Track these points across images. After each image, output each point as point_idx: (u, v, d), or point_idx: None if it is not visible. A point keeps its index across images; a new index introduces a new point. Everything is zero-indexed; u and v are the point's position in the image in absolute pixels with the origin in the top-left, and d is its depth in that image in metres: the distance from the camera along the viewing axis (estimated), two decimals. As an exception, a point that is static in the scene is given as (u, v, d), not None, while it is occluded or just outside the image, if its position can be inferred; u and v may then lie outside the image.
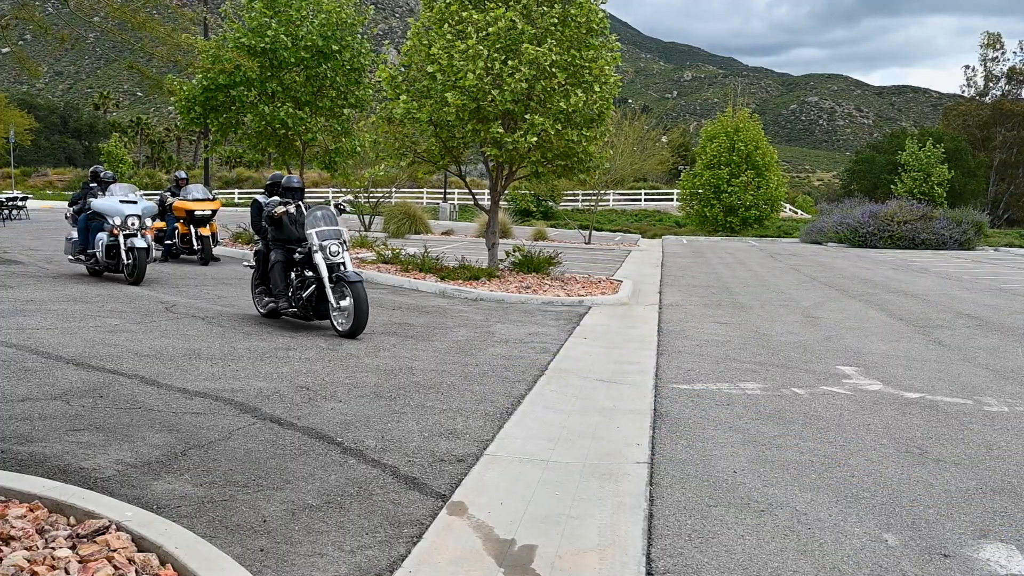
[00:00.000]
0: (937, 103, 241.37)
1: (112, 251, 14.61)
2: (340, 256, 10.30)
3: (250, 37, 20.76)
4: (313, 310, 10.54)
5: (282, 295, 10.72)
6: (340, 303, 10.17)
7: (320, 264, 10.25)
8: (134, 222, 14.48)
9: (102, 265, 14.75)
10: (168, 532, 4.00)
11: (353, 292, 9.95)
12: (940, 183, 55.33)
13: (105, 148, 75.53)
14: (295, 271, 10.83)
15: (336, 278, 10.16)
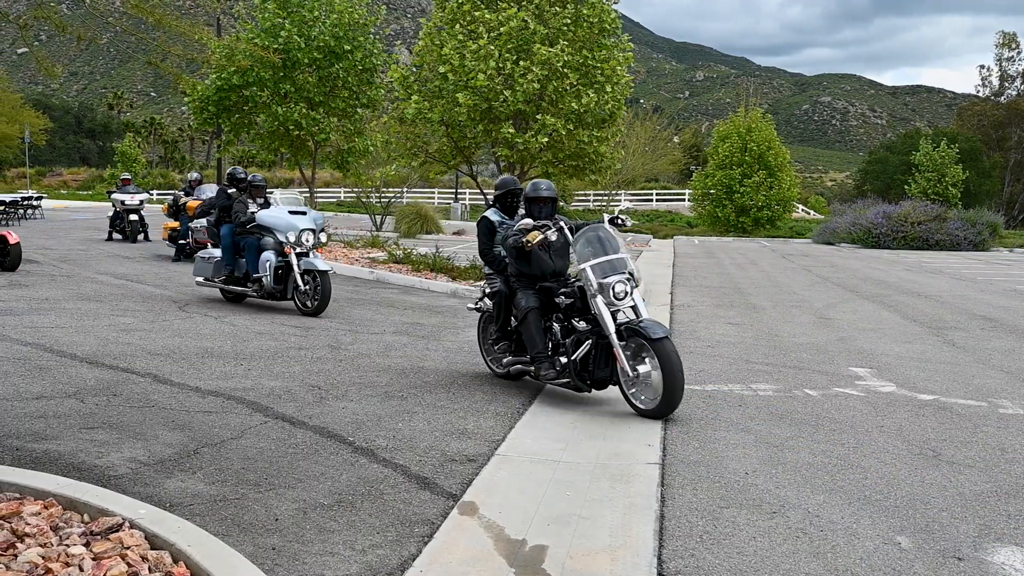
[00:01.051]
0: (951, 103, 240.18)
1: (280, 274, 12.00)
2: (627, 299, 7.10)
3: (263, 38, 20.82)
4: (591, 378, 7.23)
5: (541, 357, 7.37)
6: (638, 368, 6.93)
7: (603, 313, 6.99)
8: (308, 238, 11.94)
9: (267, 291, 12.00)
10: (181, 530, 4.01)
11: (660, 354, 6.69)
12: (954, 184, 55.07)
13: (119, 148, 75.75)
14: (555, 319, 7.55)
15: (627, 331, 6.96)
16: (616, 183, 34.86)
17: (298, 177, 52.14)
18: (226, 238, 12.47)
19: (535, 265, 7.63)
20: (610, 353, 7.03)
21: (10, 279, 14.00)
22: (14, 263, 15.02)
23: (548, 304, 7.54)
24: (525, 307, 7.51)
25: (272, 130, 21.95)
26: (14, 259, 15.01)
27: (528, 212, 7.77)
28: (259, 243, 12.10)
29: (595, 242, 7.35)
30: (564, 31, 15.36)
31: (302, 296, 11.75)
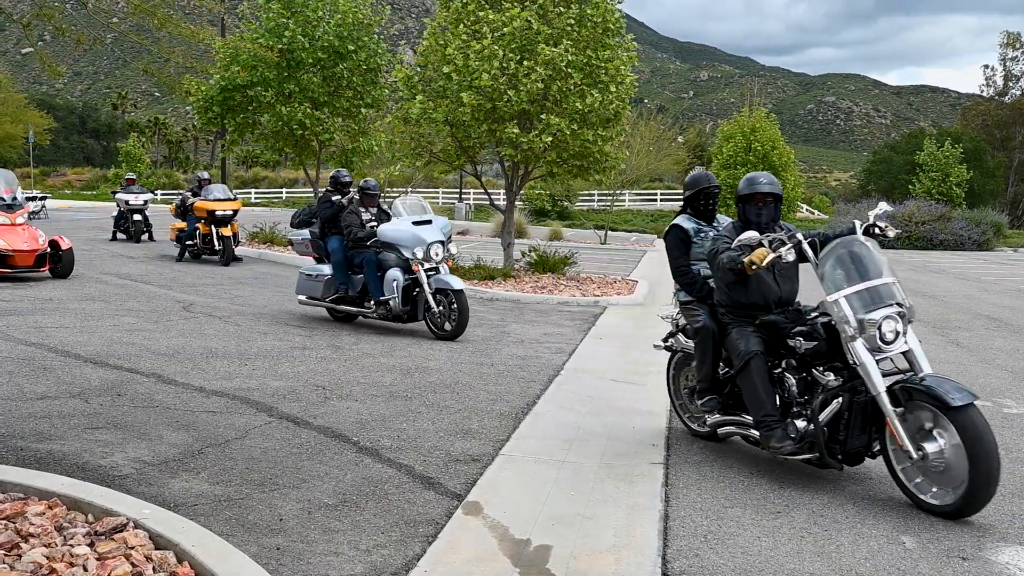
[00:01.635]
0: (955, 103, 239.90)
1: (407, 294, 10.55)
2: (898, 341, 5.38)
3: (267, 38, 20.82)
4: (842, 449, 5.32)
5: (771, 421, 5.45)
6: (924, 447, 4.97)
7: (866, 363, 5.21)
8: (437, 252, 10.45)
9: (394, 314, 10.58)
10: (185, 530, 4.02)
11: (963, 430, 4.80)
12: (958, 183, 54.95)
13: (123, 148, 75.83)
14: (788, 368, 5.63)
15: (903, 391, 5.16)
16: (620, 183, 34.80)
17: (302, 177, 52.22)
18: (337, 253, 11.08)
19: (755, 292, 5.84)
20: (867, 415, 5.28)
21: (14, 279, 14.02)
22: (67, 269, 14.58)
23: (775, 346, 5.70)
24: (745, 352, 5.60)
25: (276, 130, 21.94)
26: (67, 265, 14.57)
27: (743, 216, 5.96)
28: (378, 259, 10.70)
29: (849, 261, 5.52)
30: (568, 31, 15.36)
31: (436, 318, 10.34)
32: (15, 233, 14.03)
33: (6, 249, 13.72)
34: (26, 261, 13.86)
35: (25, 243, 13.91)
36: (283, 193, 67.92)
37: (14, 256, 13.74)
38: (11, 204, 14.34)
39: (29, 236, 14.14)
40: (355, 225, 10.95)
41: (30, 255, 13.92)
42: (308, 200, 41.28)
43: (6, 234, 13.93)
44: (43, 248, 14.14)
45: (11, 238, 13.92)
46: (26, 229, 14.27)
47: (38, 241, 14.13)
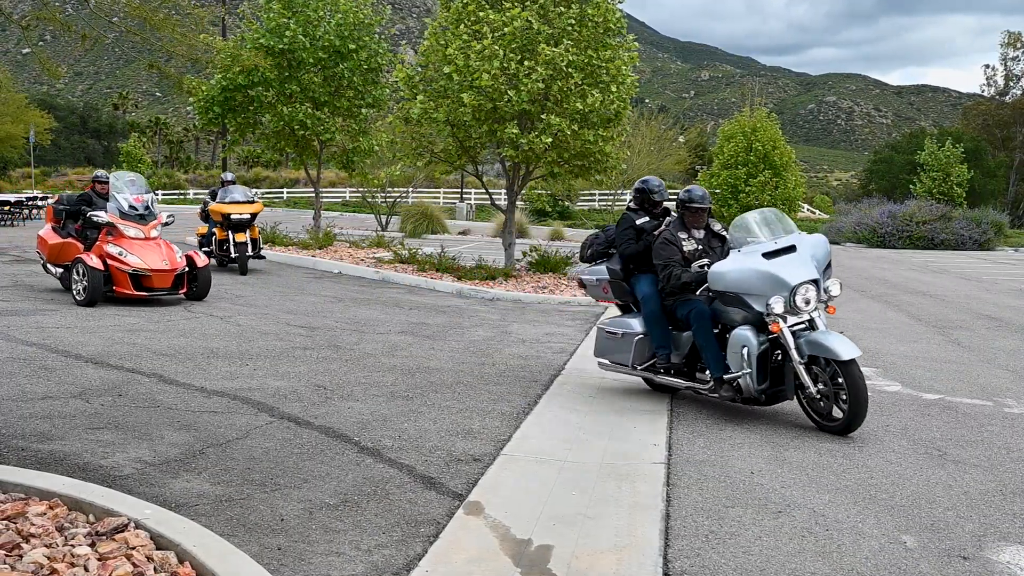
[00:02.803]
0: (956, 103, 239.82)
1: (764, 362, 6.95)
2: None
3: (268, 38, 20.83)
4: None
5: None
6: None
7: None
8: (809, 297, 6.72)
9: (745, 395, 6.90)
10: (186, 530, 4.02)
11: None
12: (959, 183, 54.93)
13: (124, 148, 76.03)
14: None
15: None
16: (621, 183, 34.81)
17: (303, 177, 52.23)
18: (651, 302, 7.50)
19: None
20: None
21: (15, 279, 14.02)
22: (203, 290, 12.65)
23: None
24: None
25: (277, 130, 21.95)
26: (203, 285, 12.61)
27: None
28: (713, 310, 7.13)
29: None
30: (569, 31, 15.36)
31: (815, 404, 6.75)
32: (150, 249, 12.06)
33: (142, 268, 11.81)
34: (163, 282, 11.98)
35: (163, 261, 11.98)
36: (284, 193, 67.93)
37: (151, 277, 11.87)
38: (144, 214, 12.34)
39: (167, 253, 12.17)
40: (673, 262, 7.32)
41: (168, 275, 12.03)
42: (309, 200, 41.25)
43: (140, 250, 11.96)
44: (182, 267, 12.25)
45: (146, 255, 11.93)
46: (162, 244, 12.26)
47: (176, 259, 12.17)
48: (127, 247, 11.90)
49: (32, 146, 53.40)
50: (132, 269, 11.76)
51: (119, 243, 11.93)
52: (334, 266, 17.95)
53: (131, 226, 12.14)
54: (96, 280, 11.49)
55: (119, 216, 12.15)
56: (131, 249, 11.89)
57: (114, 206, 12.27)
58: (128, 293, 11.80)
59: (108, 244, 11.90)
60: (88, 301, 11.49)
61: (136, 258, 11.83)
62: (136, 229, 12.15)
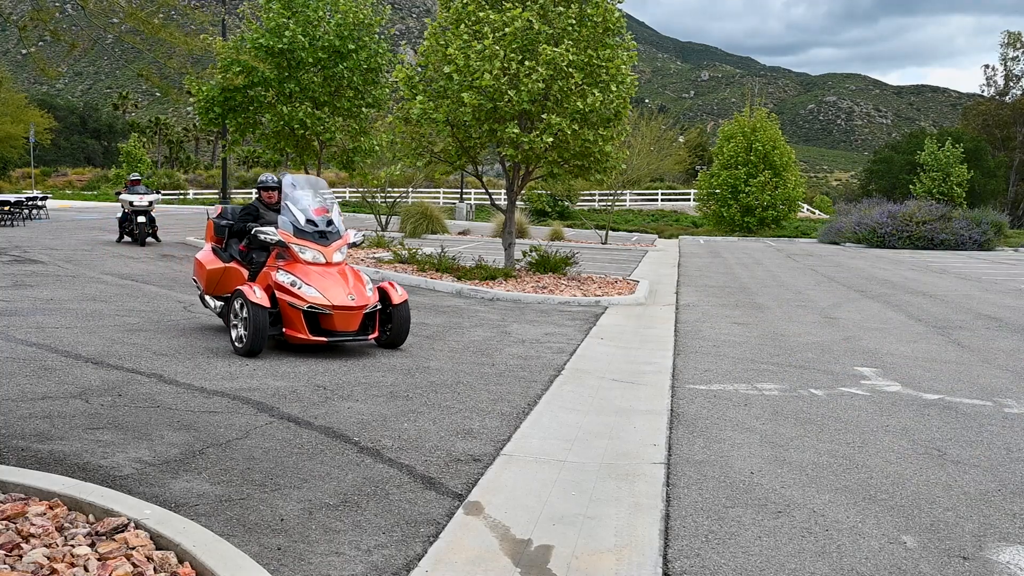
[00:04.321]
0: (956, 103, 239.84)
1: None
2: None
3: (268, 38, 20.85)
4: None
5: None
6: None
7: None
8: None
9: None
10: (186, 530, 4.02)
11: None
12: (959, 183, 55.04)
13: (124, 148, 76.00)
14: None
15: None
16: (621, 183, 34.83)
17: (303, 177, 52.27)
18: None
19: None
20: None
21: (15, 279, 14.02)
22: (400, 333, 9.55)
23: None
24: None
25: (277, 130, 21.98)
26: (400, 326, 9.51)
27: None
28: None
29: None
30: (569, 31, 15.37)
31: None
32: (332, 278, 9.12)
33: (321, 304, 8.83)
34: (349, 324, 8.98)
35: (349, 295, 8.98)
36: (284, 193, 67.90)
37: (332, 316, 8.88)
38: (326, 231, 9.48)
39: (354, 284, 9.24)
40: None
41: (355, 314, 9.02)
42: None
43: (319, 279, 9.02)
44: (373, 303, 9.26)
45: (327, 286, 8.98)
46: (348, 272, 9.39)
47: (366, 292, 9.21)
48: (302, 275, 9.00)
49: (32, 146, 53.43)
50: (307, 305, 8.82)
51: (292, 270, 9.08)
52: None
53: (308, 246, 9.29)
54: (259, 320, 8.57)
55: (292, 233, 9.31)
56: (307, 278, 8.97)
57: (287, 220, 9.40)
58: (302, 338, 8.86)
59: (277, 271, 9.11)
60: (248, 349, 8.61)
61: (313, 290, 8.86)
62: (315, 251, 9.28)
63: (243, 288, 8.82)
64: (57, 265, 16.64)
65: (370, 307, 9.21)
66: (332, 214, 9.64)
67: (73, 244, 21.56)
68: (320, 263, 9.25)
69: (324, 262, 9.27)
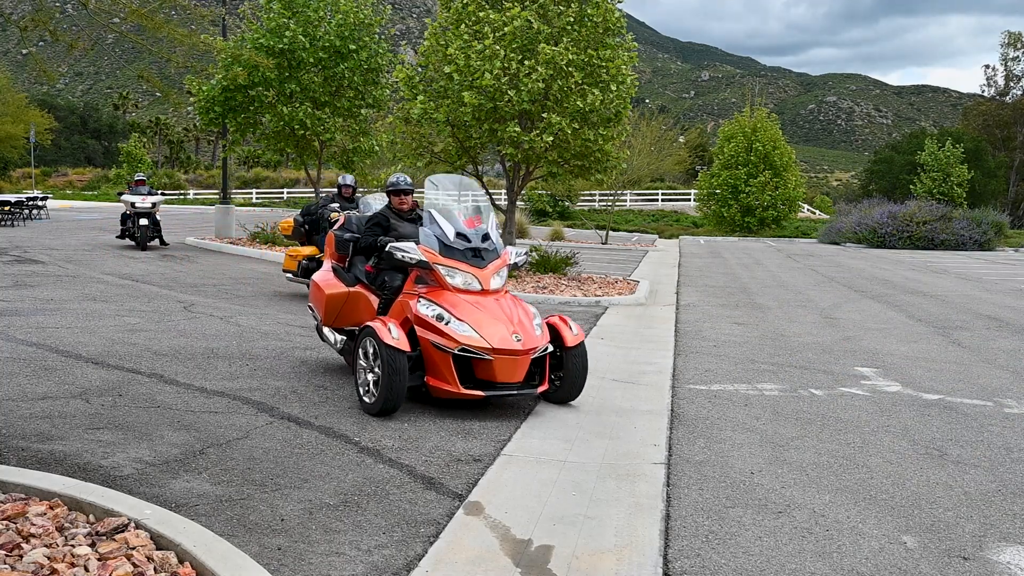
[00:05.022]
0: (957, 103, 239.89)
1: None
2: None
3: (268, 38, 20.85)
4: None
5: None
6: None
7: None
8: None
9: None
10: (186, 530, 4.02)
11: None
12: (960, 183, 55.05)
13: (124, 148, 76.00)
14: None
15: None
16: (621, 183, 34.85)
17: (303, 177, 52.18)
18: None
19: None
20: None
21: (15, 279, 14.02)
22: (575, 383, 7.19)
23: None
24: None
25: (277, 130, 21.97)
26: (575, 376, 7.15)
27: None
28: None
29: None
30: (568, 30, 15.38)
31: None
32: (490, 311, 6.94)
33: (477, 346, 6.66)
34: (513, 373, 6.74)
35: (514, 334, 6.77)
36: (284, 193, 67.96)
37: (492, 362, 6.67)
38: (480, 249, 7.29)
39: (519, 319, 7.00)
40: None
41: (522, 360, 6.78)
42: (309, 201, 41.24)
43: (474, 312, 6.87)
44: (543, 344, 7.00)
45: (485, 321, 6.81)
46: (511, 303, 7.17)
47: (533, 330, 6.96)
48: (450, 307, 6.88)
49: (32, 146, 53.45)
50: (459, 347, 6.66)
51: (437, 299, 6.98)
52: None
53: (459, 268, 7.15)
54: (396, 368, 6.46)
55: (439, 251, 7.19)
56: (458, 311, 6.84)
57: (431, 233, 7.30)
58: (450, 391, 6.71)
59: (418, 301, 7.03)
60: (381, 407, 6.55)
61: (467, 327, 6.72)
62: (467, 274, 7.15)
63: (375, 325, 6.74)
64: (57, 265, 16.64)
65: (539, 350, 6.96)
66: (488, 225, 7.53)
67: (73, 244, 21.56)
68: (474, 291, 7.11)
69: (479, 289, 7.12)
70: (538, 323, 7.14)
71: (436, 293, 7.06)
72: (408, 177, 8.08)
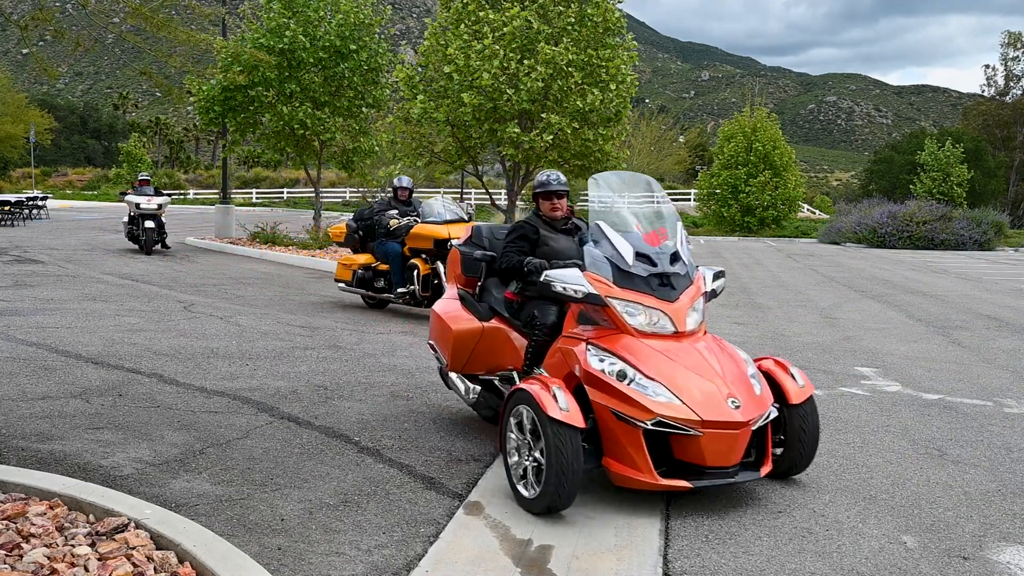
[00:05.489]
0: (956, 103, 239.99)
1: None
2: None
3: (268, 38, 20.85)
4: None
5: None
6: None
7: None
8: None
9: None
10: (186, 530, 4.02)
11: None
12: (960, 183, 55.01)
13: (124, 148, 75.98)
14: None
15: None
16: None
17: (303, 177, 52.21)
18: None
19: None
20: None
21: (15, 279, 14.02)
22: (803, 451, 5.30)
23: None
24: None
25: (277, 130, 21.97)
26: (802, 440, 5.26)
27: None
28: None
29: None
30: (568, 30, 15.39)
31: None
32: (690, 361, 5.06)
33: (683, 419, 4.75)
34: (728, 453, 4.86)
35: (731, 399, 4.88)
36: (284, 193, 67.95)
37: (700, 439, 4.78)
38: (666, 274, 5.34)
39: (732, 375, 5.09)
40: None
41: (741, 436, 4.87)
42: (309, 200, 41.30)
43: (667, 364, 4.98)
44: (767, 408, 5.07)
45: (686, 379, 4.92)
46: (715, 348, 5.29)
47: (754, 387, 5.10)
48: (635, 358, 4.99)
49: (32, 146, 53.45)
50: (653, 419, 4.74)
51: (614, 347, 5.09)
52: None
53: (642, 303, 5.19)
54: (568, 454, 4.63)
55: (612, 279, 5.26)
56: (647, 365, 4.95)
57: (599, 254, 5.39)
58: (645, 482, 4.80)
59: (587, 349, 5.14)
60: (548, 504, 4.71)
61: (663, 390, 4.83)
62: (654, 311, 5.19)
63: (533, 389, 4.79)
64: (57, 265, 16.64)
65: (763, 418, 4.99)
66: (677, 240, 5.49)
67: (73, 244, 21.56)
68: (665, 334, 5.12)
69: (671, 331, 5.13)
70: (753, 374, 5.17)
71: (611, 338, 5.11)
72: (561, 175, 6.21)
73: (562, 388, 4.79)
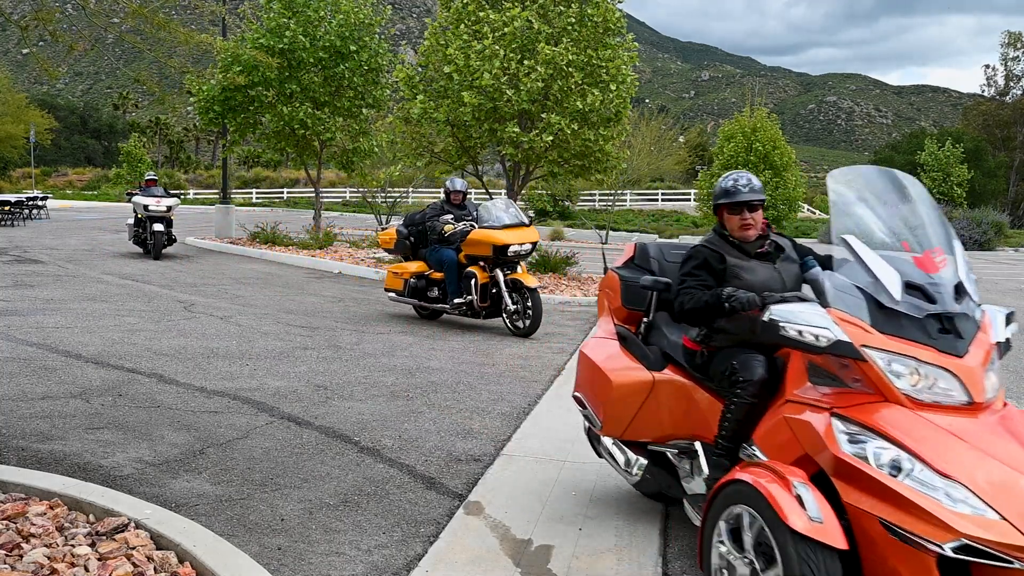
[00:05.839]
0: (957, 103, 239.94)
1: None
2: None
3: (268, 38, 20.84)
4: None
5: None
6: None
7: None
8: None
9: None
10: (186, 530, 4.02)
11: None
12: (960, 183, 54.99)
13: (124, 148, 75.90)
14: None
15: None
16: (621, 183, 34.86)
17: (303, 177, 52.23)
18: None
19: None
20: None
21: (15, 279, 14.02)
22: None
23: None
24: None
25: (277, 130, 21.95)
26: None
27: None
28: None
29: None
30: (568, 30, 15.39)
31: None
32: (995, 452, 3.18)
33: (1000, 544, 2.90)
34: None
35: None
36: (284, 193, 67.94)
37: None
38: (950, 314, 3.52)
39: None
40: None
41: None
42: (309, 200, 41.29)
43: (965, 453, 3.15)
44: None
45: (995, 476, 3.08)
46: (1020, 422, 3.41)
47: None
48: (911, 439, 3.22)
49: (32, 146, 53.43)
50: (959, 540, 2.96)
51: (875, 421, 3.33)
52: (334, 266, 17.92)
53: (918, 356, 3.39)
54: None
55: (870, 320, 3.48)
56: (933, 452, 3.17)
57: (850, 283, 3.61)
58: None
59: (831, 421, 3.41)
60: None
61: (966, 493, 3.05)
62: (936, 369, 3.40)
63: (756, 479, 3.37)
64: (57, 265, 16.64)
65: None
66: (958, 265, 3.72)
67: (73, 244, 21.56)
68: (952, 405, 3.41)
69: (964, 402, 3.41)
70: None
71: (867, 408, 3.42)
72: (754, 177, 4.57)
73: (808, 485, 3.26)
